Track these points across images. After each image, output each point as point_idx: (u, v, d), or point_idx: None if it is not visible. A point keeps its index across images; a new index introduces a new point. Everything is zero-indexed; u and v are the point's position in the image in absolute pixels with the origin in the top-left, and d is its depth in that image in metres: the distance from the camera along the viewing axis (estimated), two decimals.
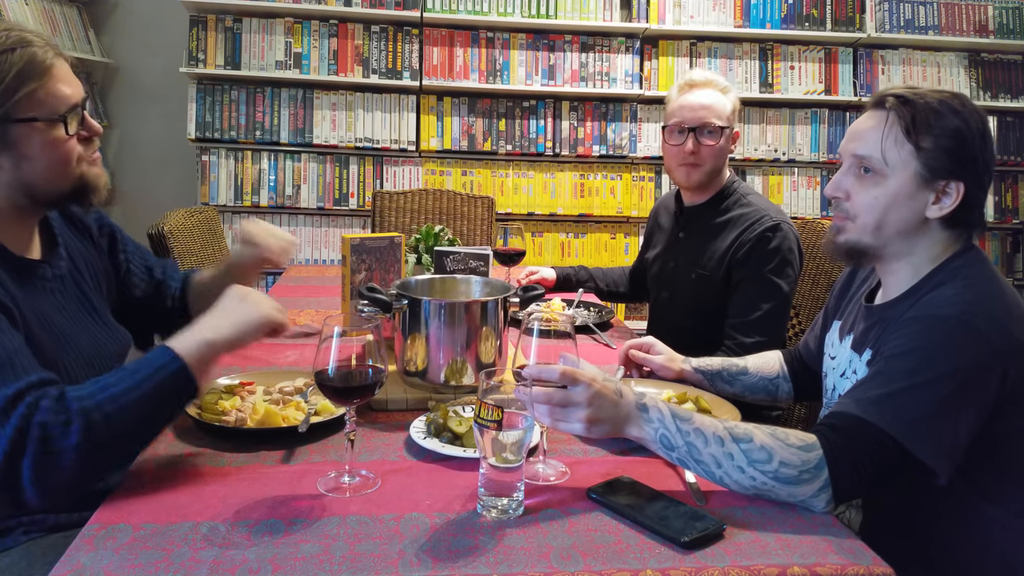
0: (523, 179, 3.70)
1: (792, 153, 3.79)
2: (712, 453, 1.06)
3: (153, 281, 1.58)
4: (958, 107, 1.18)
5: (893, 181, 1.19)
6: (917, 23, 3.76)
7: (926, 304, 1.15)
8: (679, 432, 1.08)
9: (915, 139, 1.17)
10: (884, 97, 1.22)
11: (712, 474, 1.07)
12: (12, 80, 1.12)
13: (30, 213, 1.24)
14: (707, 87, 1.99)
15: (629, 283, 2.46)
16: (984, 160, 1.18)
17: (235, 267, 1.66)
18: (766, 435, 1.06)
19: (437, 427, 1.24)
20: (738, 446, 1.05)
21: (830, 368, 1.41)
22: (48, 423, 0.97)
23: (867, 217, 1.21)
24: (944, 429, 1.07)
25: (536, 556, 0.92)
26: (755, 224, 1.89)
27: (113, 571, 0.87)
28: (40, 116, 1.15)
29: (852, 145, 1.24)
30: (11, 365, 1.02)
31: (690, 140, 1.95)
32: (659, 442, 1.09)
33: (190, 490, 1.06)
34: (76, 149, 1.21)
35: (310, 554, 0.91)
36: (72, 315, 1.30)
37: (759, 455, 1.05)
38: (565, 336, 1.18)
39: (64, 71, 1.20)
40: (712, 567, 0.91)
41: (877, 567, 0.92)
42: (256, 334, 1.18)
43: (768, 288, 1.86)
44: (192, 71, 3.45)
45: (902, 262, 1.24)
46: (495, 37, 3.63)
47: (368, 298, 1.38)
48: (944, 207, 1.18)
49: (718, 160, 1.98)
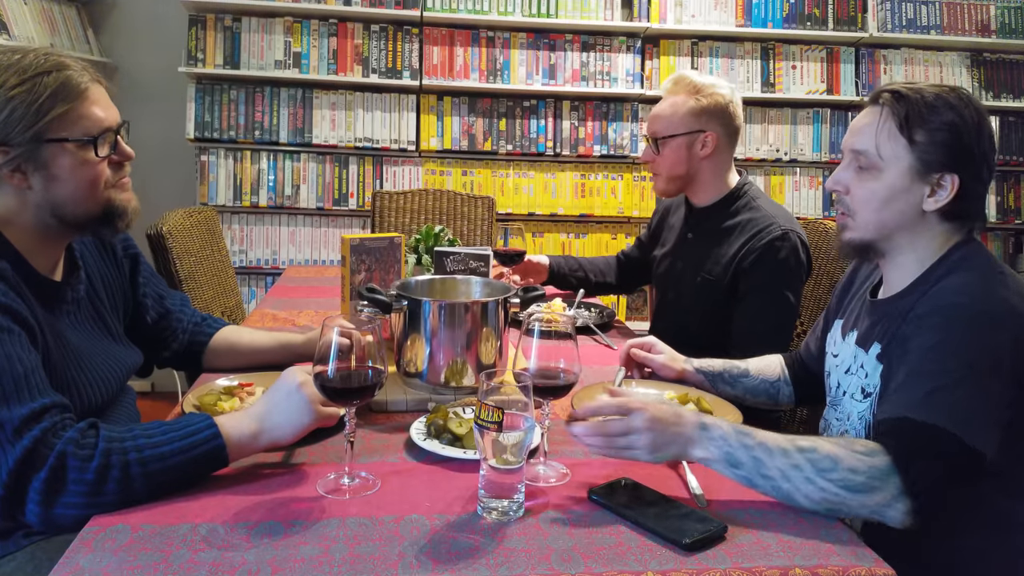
0: (523, 179, 3.69)
1: (794, 153, 3.79)
2: (778, 466, 1.04)
3: (163, 309, 1.56)
4: (954, 101, 1.19)
5: (888, 175, 1.21)
6: (919, 23, 3.76)
7: (937, 296, 1.16)
8: (743, 447, 1.05)
9: (908, 133, 1.19)
10: (880, 93, 1.25)
11: (780, 489, 1.04)
12: (46, 100, 1.14)
13: (58, 235, 1.24)
14: (669, 95, 1.99)
15: (617, 273, 2.42)
16: (981, 152, 1.20)
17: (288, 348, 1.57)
18: (831, 443, 1.05)
19: (437, 428, 1.23)
20: (804, 456, 1.03)
21: (832, 366, 1.41)
22: (69, 453, 0.99)
23: (865, 212, 1.24)
24: (992, 416, 1.08)
25: (537, 558, 0.92)
26: (763, 232, 1.85)
27: (112, 572, 0.86)
28: (71, 137, 1.16)
29: (850, 140, 1.27)
30: (27, 384, 1.03)
31: (648, 151, 1.99)
32: (724, 460, 1.06)
33: (189, 491, 1.05)
34: (105, 173, 1.21)
35: (309, 556, 0.91)
36: (86, 334, 1.32)
37: (825, 463, 1.03)
38: (566, 337, 1.18)
39: (99, 95, 1.21)
40: (714, 569, 0.90)
41: (879, 568, 0.91)
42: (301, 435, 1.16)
43: (777, 301, 1.84)
44: (191, 71, 3.45)
45: (905, 256, 1.25)
46: (495, 36, 3.62)
47: (368, 299, 1.38)
48: (940, 200, 1.20)
49: (675, 168, 1.96)
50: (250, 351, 1.55)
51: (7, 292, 1.10)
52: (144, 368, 1.49)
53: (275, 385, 1.16)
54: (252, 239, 3.59)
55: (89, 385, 1.26)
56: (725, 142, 1.97)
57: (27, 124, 1.13)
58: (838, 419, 1.36)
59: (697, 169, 1.97)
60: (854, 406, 1.30)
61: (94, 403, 1.27)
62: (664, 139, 1.95)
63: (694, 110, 1.94)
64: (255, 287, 3.62)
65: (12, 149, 1.13)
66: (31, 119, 1.13)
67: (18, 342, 1.07)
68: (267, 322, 1.95)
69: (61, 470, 0.98)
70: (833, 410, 1.39)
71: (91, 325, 1.34)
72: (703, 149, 1.95)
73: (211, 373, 1.52)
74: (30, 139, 1.13)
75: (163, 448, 1.03)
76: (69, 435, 1.00)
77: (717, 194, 1.99)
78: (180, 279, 2.24)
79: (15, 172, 1.15)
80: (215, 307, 2.48)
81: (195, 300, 2.30)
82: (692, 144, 1.94)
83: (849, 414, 1.32)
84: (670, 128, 1.94)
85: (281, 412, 1.13)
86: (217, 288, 2.56)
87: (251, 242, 3.59)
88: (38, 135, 1.14)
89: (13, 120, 1.12)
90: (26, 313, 1.12)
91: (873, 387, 1.25)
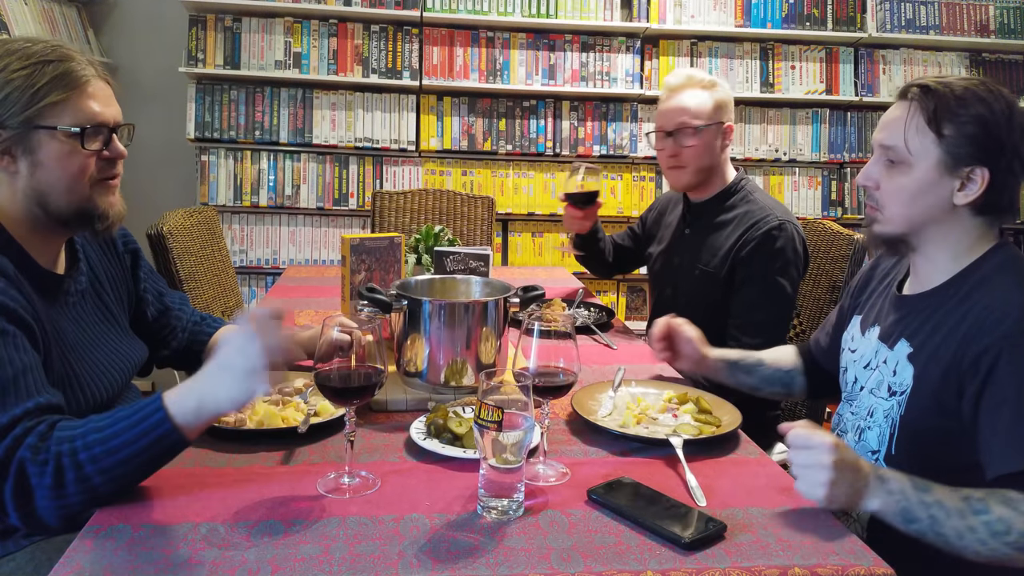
0: (523, 179, 3.69)
1: (793, 153, 3.79)
2: (954, 527, 1.04)
3: (162, 306, 1.55)
4: (983, 93, 1.19)
5: (917, 170, 1.21)
6: (918, 23, 3.76)
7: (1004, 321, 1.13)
8: (922, 504, 1.05)
9: (937, 127, 1.19)
10: (909, 88, 1.24)
11: (950, 544, 1.04)
12: (43, 87, 1.15)
13: (48, 228, 1.24)
14: (685, 89, 1.99)
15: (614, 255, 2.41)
16: (1012, 145, 1.19)
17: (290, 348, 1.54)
18: (999, 503, 1.05)
19: (437, 428, 1.23)
20: (978, 519, 1.03)
21: (850, 361, 1.40)
22: (26, 460, 0.98)
23: (895, 206, 1.24)
24: None
25: (536, 557, 0.92)
26: (760, 222, 1.88)
27: (113, 572, 0.87)
28: (60, 126, 1.16)
29: (879, 136, 1.27)
30: (15, 387, 1.03)
31: (670, 144, 1.98)
32: (900, 515, 1.05)
33: (189, 491, 1.05)
34: (90, 167, 1.21)
35: (310, 555, 0.91)
36: (90, 327, 1.32)
37: (999, 527, 1.03)
38: (565, 336, 1.18)
39: (100, 90, 1.22)
40: (713, 568, 0.91)
41: (878, 568, 0.92)
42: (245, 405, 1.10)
43: (772, 290, 1.85)
44: (191, 71, 3.45)
45: (937, 251, 1.25)
46: (495, 37, 3.62)
47: (368, 298, 1.38)
48: (970, 194, 1.19)
49: (703, 159, 1.97)
50: None
51: (6, 290, 1.09)
52: (144, 367, 1.49)
53: (216, 350, 1.07)
54: (252, 239, 3.59)
55: (91, 379, 1.26)
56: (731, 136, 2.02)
57: (21, 107, 1.14)
58: (853, 414, 1.36)
59: (717, 161, 1.99)
60: (876, 403, 1.30)
61: (98, 398, 1.26)
62: (697, 130, 1.95)
63: (717, 102, 1.98)
64: (255, 287, 3.62)
65: (4, 131, 1.15)
66: (25, 103, 1.14)
67: (11, 344, 1.06)
68: None
69: (22, 477, 0.98)
70: (848, 405, 1.39)
71: (96, 318, 1.34)
72: (725, 140, 1.99)
73: None
74: (22, 123, 1.14)
75: (112, 442, 1.00)
76: (29, 441, 0.99)
77: (718, 188, 2.01)
78: (180, 279, 2.25)
79: (4, 154, 1.16)
80: (215, 307, 2.48)
81: (195, 300, 2.30)
82: (717, 135, 1.97)
83: (871, 410, 1.31)
84: (701, 118, 1.96)
85: (220, 383, 1.03)
86: (217, 288, 2.56)
87: (251, 242, 3.59)
88: (29, 120, 1.15)
89: (9, 102, 1.13)
90: (24, 311, 1.11)
91: (902, 387, 1.25)
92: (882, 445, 1.27)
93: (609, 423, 1.31)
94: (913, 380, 1.23)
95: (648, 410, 1.38)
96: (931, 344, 1.21)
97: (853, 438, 1.34)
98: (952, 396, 1.17)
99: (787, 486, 1.12)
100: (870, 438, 1.30)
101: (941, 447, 1.21)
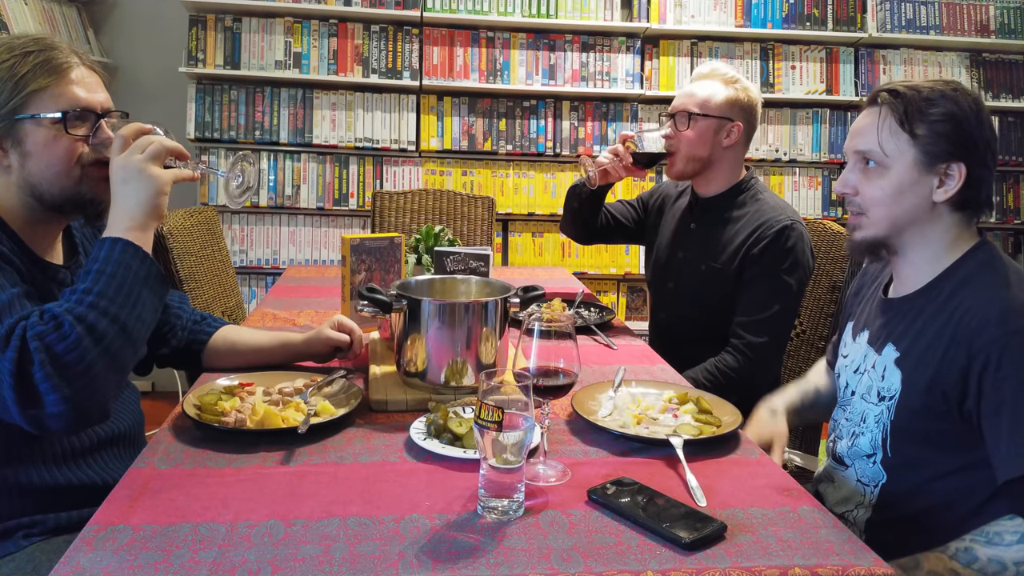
0: (523, 179, 3.69)
1: (793, 153, 3.79)
2: None
3: None
4: (949, 92, 1.21)
5: (895, 171, 1.22)
6: (918, 23, 3.76)
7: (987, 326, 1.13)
8: None
9: (909, 127, 1.20)
10: (877, 93, 1.26)
11: None
12: (24, 76, 1.16)
13: (43, 219, 1.24)
14: (704, 78, 2.00)
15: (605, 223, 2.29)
16: (983, 139, 1.21)
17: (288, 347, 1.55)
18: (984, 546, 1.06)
19: (437, 428, 1.23)
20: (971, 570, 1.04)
21: (842, 367, 1.41)
22: (41, 331, 1.01)
23: (878, 209, 1.24)
24: None
25: (536, 557, 0.92)
26: (772, 221, 1.88)
27: (113, 572, 0.87)
28: (43, 113, 1.17)
29: (853, 142, 1.28)
30: (10, 309, 1.06)
31: (668, 125, 2.00)
32: None
33: (189, 491, 1.05)
34: (76, 151, 1.21)
35: (310, 555, 0.91)
36: None
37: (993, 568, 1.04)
38: (565, 336, 1.18)
39: (83, 76, 1.22)
40: (713, 568, 0.90)
41: (879, 568, 0.91)
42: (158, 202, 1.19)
43: (780, 288, 1.85)
44: (191, 71, 3.45)
45: (918, 252, 1.25)
46: (495, 37, 3.62)
47: (368, 299, 1.38)
48: (949, 189, 1.20)
49: (695, 148, 1.96)
50: (250, 350, 1.55)
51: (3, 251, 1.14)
52: (143, 366, 1.49)
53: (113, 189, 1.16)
54: (252, 239, 3.59)
55: None
56: (745, 138, 2.00)
57: (5, 98, 1.15)
58: (847, 419, 1.36)
59: (717, 157, 1.98)
60: (867, 408, 1.30)
61: None
62: (696, 116, 1.95)
63: (730, 99, 1.97)
64: (255, 287, 3.62)
65: None
66: (9, 93, 1.15)
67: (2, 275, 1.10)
68: (267, 322, 1.95)
69: (47, 347, 1.00)
70: (842, 411, 1.39)
71: None
72: (727, 138, 1.97)
73: (211, 372, 1.52)
74: (7, 114, 1.16)
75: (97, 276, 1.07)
76: (31, 321, 1.03)
77: (725, 185, 2.01)
78: (180, 279, 2.25)
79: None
80: (215, 307, 2.48)
81: (195, 300, 2.30)
82: (719, 130, 1.96)
83: (863, 415, 1.31)
84: (704, 108, 1.96)
85: (126, 196, 1.15)
86: (217, 288, 2.56)
87: (251, 242, 3.59)
88: (14, 110, 1.16)
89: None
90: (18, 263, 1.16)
91: (890, 392, 1.25)
92: (876, 450, 1.28)
93: (609, 423, 1.31)
94: (901, 385, 1.23)
95: (648, 410, 1.38)
96: (917, 348, 1.22)
97: (848, 443, 1.35)
98: (940, 401, 1.17)
99: (787, 486, 1.12)
100: (863, 443, 1.30)
101: (933, 450, 1.21)
